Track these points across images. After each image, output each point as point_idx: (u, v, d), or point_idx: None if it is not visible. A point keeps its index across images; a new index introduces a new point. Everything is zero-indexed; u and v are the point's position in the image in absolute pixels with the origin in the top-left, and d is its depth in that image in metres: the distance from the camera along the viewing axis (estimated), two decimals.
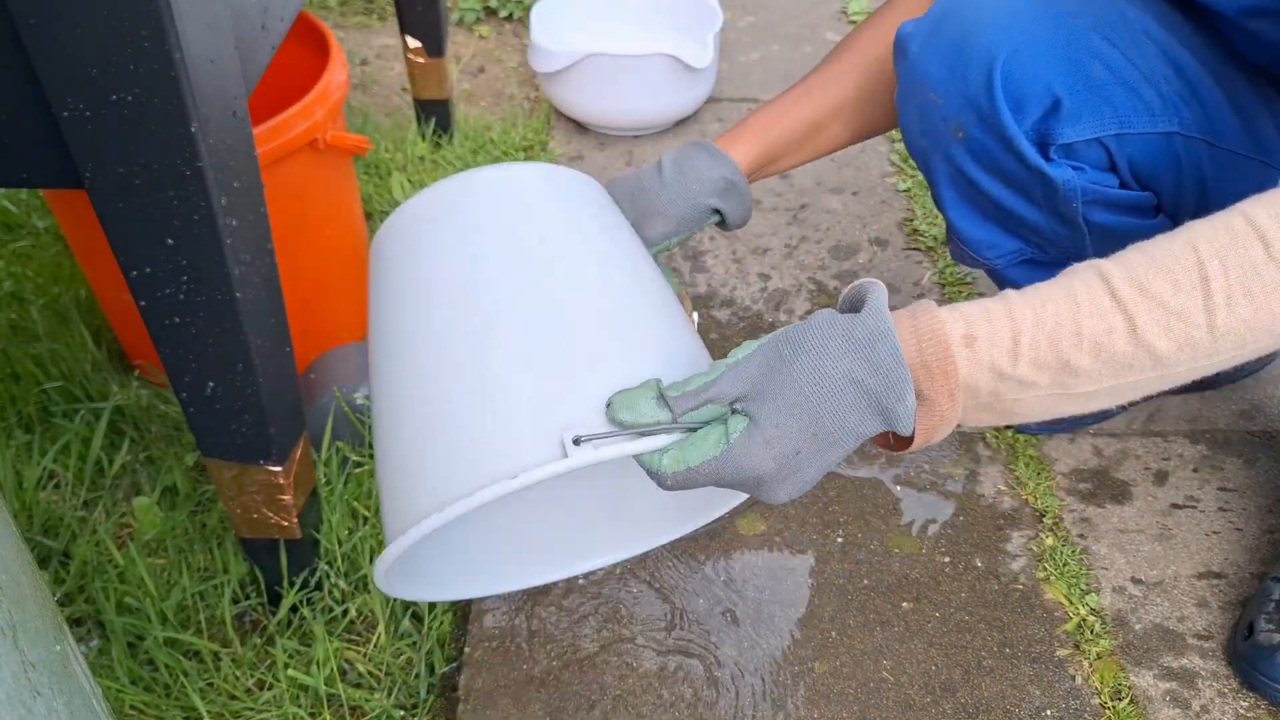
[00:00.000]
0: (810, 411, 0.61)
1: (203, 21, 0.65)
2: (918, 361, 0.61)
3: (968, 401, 0.63)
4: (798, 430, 0.61)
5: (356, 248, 1.26)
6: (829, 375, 0.61)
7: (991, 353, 0.61)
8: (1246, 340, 0.60)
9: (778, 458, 0.61)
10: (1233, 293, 0.59)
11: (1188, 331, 0.60)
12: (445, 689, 0.93)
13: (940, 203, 0.96)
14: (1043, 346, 0.61)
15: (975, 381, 0.62)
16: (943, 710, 0.91)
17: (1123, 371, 0.61)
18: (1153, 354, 0.60)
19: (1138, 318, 0.60)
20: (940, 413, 0.62)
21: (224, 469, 0.85)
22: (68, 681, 0.60)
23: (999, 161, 0.88)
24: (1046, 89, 0.83)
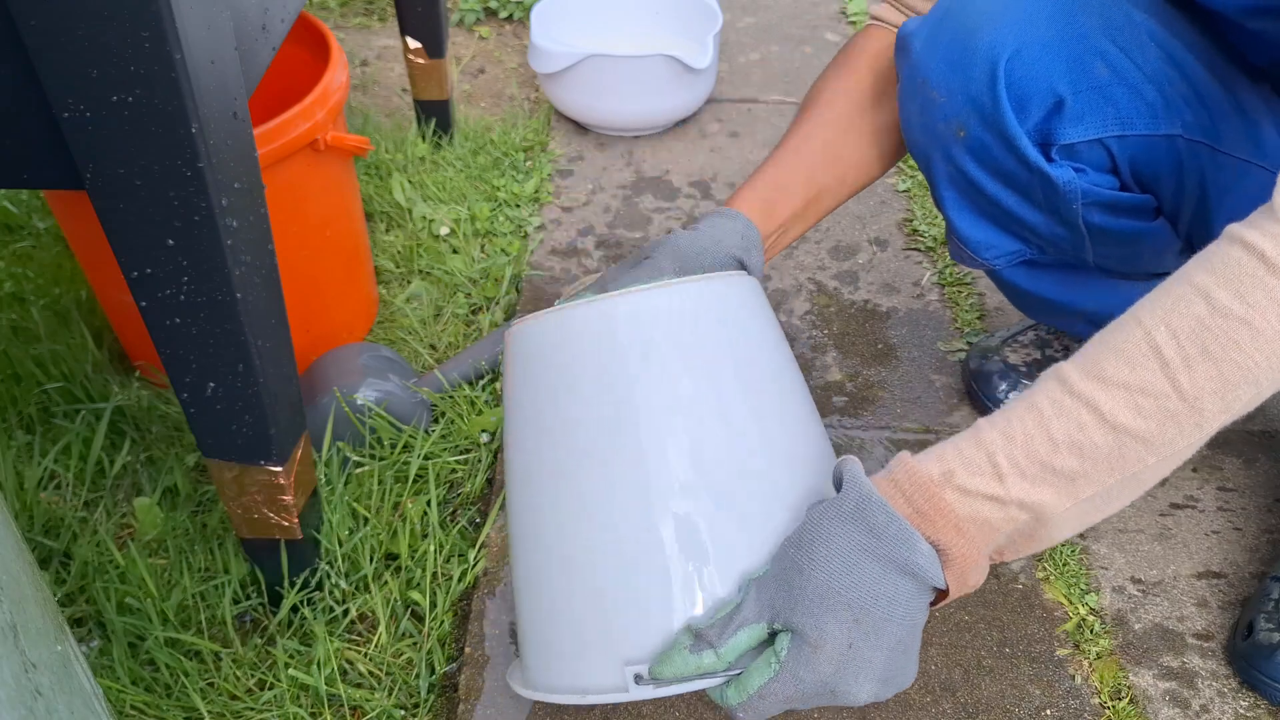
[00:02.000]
0: (839, 600, 0.61)
1: (203, 22, 0.65)
2: (910, 511, 0.62)
3: (986, 537, 0.63)
4: (836, 623, 0.61)
5: (357, 248, 1.26)
6: (838, 556, 0.61)
7: (974, 481, 0.62)
8: (1227, 398, 0.59)
9: (833, 658, 0.61)
10: (1188, 353, 0.59)
11: (1159, 404, 0.59)
12: (446, 689, 0.94)
13: (940, 202, 0.96)
14: (1021, 460, 0.61)
15: (980, 514, 0.62)
16: (942, 710, 0.91)
17: (1118, 463, 0.61)
18: (1134, 436, 0.60)
19: (1102, 405, 0.60)
20: (960, 555, 0.62)
21: (225, 469, 0.85)
22: (69, 682, 0.60)
23: (1000, 162, 0.87)
24: (1050, 88, 0.83)
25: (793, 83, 1.85)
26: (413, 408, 1.12)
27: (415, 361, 1.27)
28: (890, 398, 1.22)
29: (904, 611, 0.62)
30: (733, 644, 0.62)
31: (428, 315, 1.33)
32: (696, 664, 0.63)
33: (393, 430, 1.10)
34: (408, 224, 1.47)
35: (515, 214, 1.51)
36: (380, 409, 1.09)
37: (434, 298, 1.35)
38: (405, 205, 1.48)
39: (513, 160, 1.63)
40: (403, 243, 1.43)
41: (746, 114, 1.76)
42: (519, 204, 1.54)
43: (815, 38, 1.99)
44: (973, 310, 1.34)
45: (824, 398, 1.22)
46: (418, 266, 1.40)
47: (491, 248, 1.44)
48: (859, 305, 1.35)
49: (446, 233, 1.45)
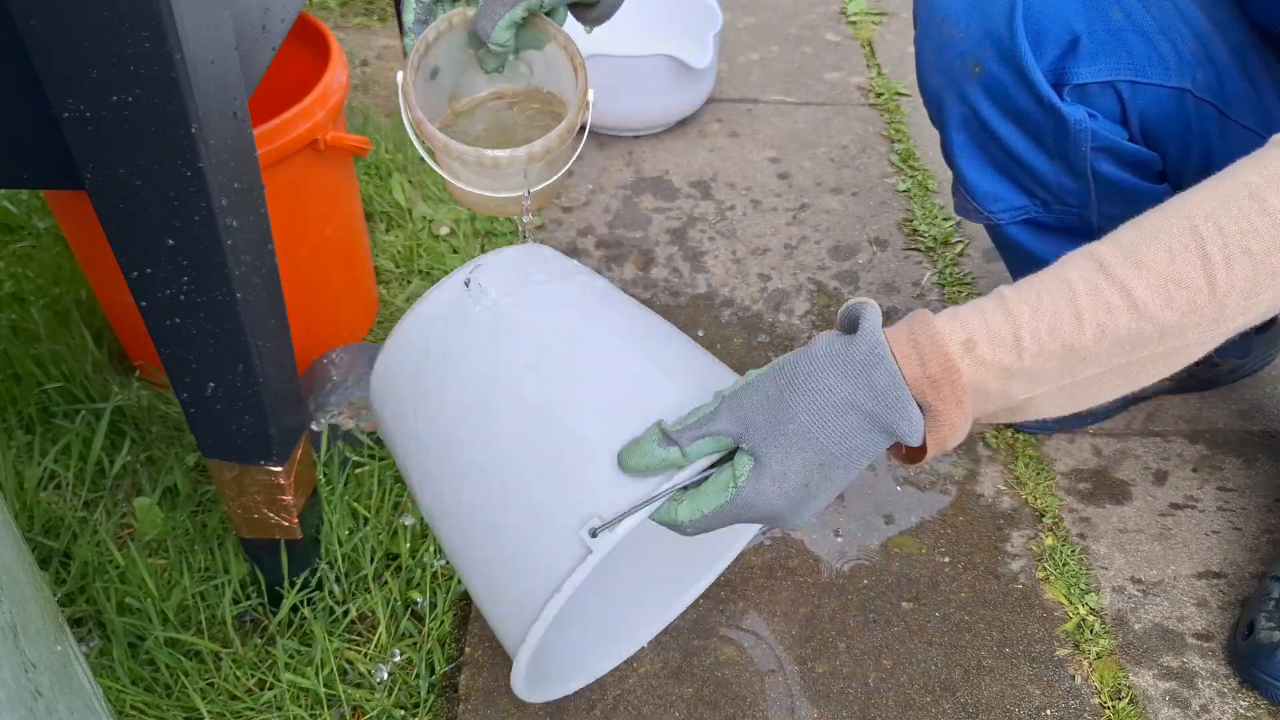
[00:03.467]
0: (814, 444, 0.61)
1: (203, 22, 0.65)
2: (921, 375, 0.61)
3: (978, 405, 0.63)
4: (804, 465, 0.61)
5: (357, 248, 1.26)
6: (829, 405, 0.61)
7: (995, 353, 0.61)
8: (1251, 300, 0.59)
9: (788, 493, 0.62)
10: (1231, 253, 0.59)
11: (1190, 297, 0.59)
12: (445, 689, 0.94)
13: (949, 149, 0.97)
14: (1044, 337, 0.61)
15: (983, 385, 0.62)
16: (942, 710, 0.91)
17: (1131, 348, 0.61)
18: (1158, 325, 0.60)
19: (1135, 291, 0.59)
20: (950, 423, 0.62)
21: (225, 469, 0.85)
22: (69, 682, 0.60)
23: (1014, 99, 0.89)
24: (1066, 26, 0.85)
25: (793, 83, 1.85)
26: None
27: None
28: None
29: (865, 462, 0.63)
30: (698, 447, 0.63)
31: None
32: (662, 457, 0.62)
33: None
34: (408, 224, 1.47)
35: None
36: None
37: None
38: (405, 205, 1.48)
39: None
40: (403, 243, 1.43)
41: (746, 114, 1.76)
42: None
43: (815, 38, 1.99)
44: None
45: None
46: (418, 266, 1.40)
47: (491, 248, 1.44)
48: None
49: (446, 233, 1.45)
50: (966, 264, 1.42)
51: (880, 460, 1.14)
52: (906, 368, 0.61)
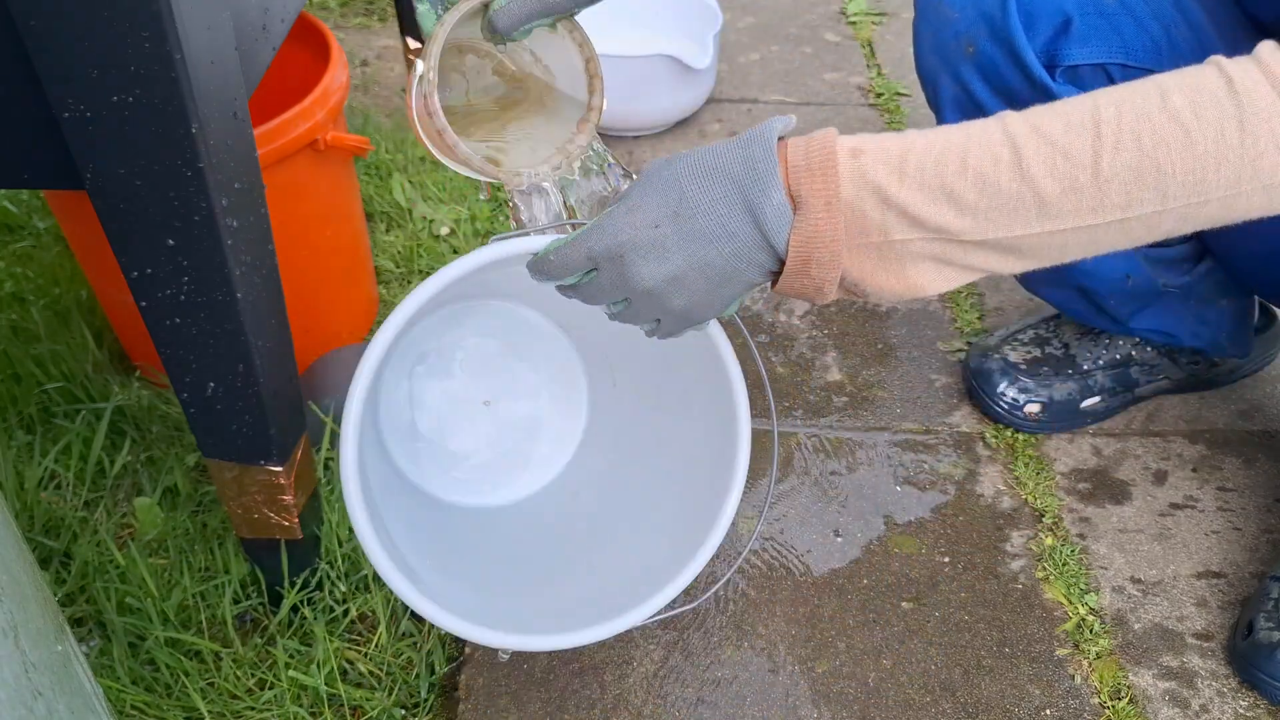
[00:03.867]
0: (675, 190, 0.64)
1: (203, 22, 0.65)
2: (802, 164, 0.62)
3: (855, 234, 0.63)
4: (659, 203, 0.64)
5: (357, 248, 1.26)
6: (702, 166, 0.64)
7: (876, 169, 0.61)
8: (1131, 194, 0.59)
9: (636, 225, 0.65)
10: (1122, 137, 0.59)
11: (1072, 172, 0.59)
12: (446, 689, 0.94)
13: None
14: (929, 169, 0.61)
15: (860, 204, 0.62)
16: (942, 710, 0.91)
17: (1007, 214, 0.61)
18: (1036, 193, 0.60)
19: (1024, 149, 0.60)
20: (815, 222, 0.62)
21: (225, 469, 0.85)
22: (69, 682, 0.60)
23: (1006, 78, 0.90)
24: (1058, 8, 0.87)
25: (793, 83, 1.85)
26: None
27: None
28: (890, 398, 1.22)
29: (732, 250, 0.64)
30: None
31: None
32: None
33: None
34: (408, 224, 1.47)
35: None
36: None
37: None
38: (405, 205, 1.48)
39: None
40: (403, 243, 1.43)
41: (746, 114, 1.76)
42: None
43: (815, 38, 1.99)
44: (972, 310, 1.34)
45: (824, 397, 1.22)
46: (418, 267, 1.40)
47: None
48: (859, 305, 1.35)
49: (447, 233, 1.45)
50: None
51: (881, 459, 1.14)
52: (792, 155, 0.62)
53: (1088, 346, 1.16)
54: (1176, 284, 1.05)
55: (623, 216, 0.66)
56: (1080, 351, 1.16)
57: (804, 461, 1.14)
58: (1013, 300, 1.35)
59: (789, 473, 1.13)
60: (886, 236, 0.63)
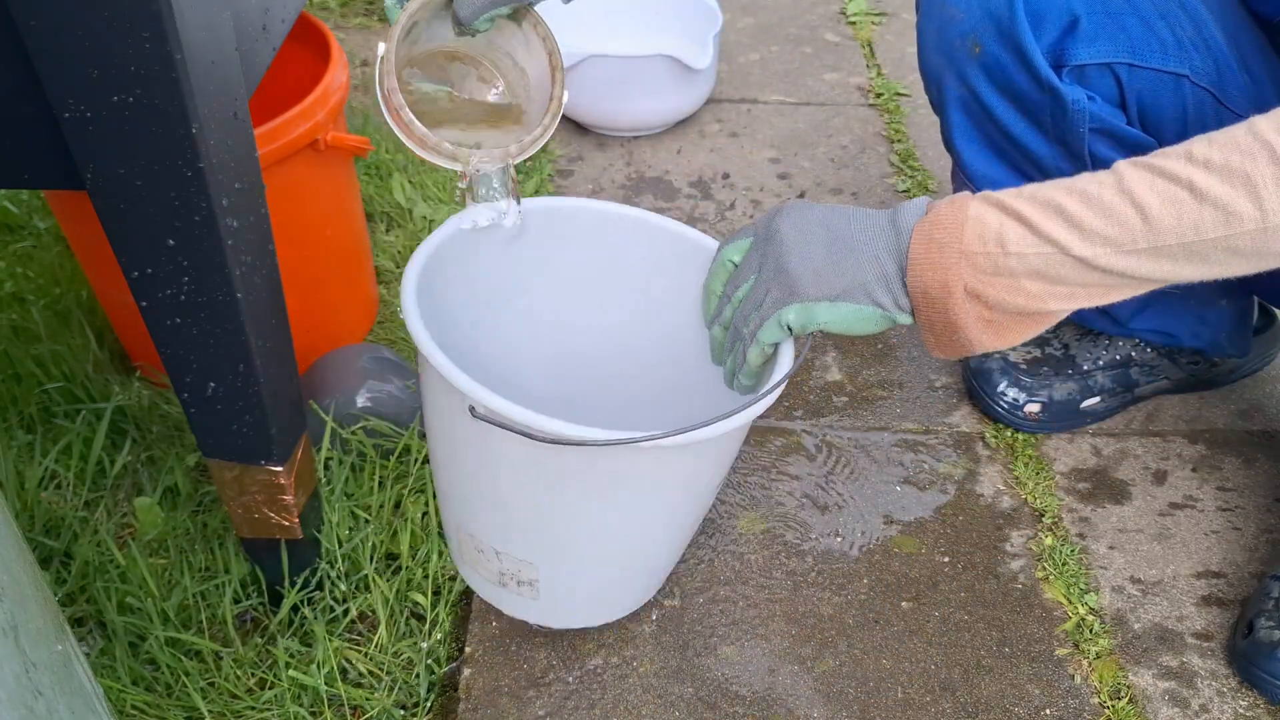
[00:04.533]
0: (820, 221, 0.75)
1: (203, 22, 0.65)
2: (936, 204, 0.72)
3: (973, 240, 0.69)
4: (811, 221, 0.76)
5: (357, 248, 1.26)
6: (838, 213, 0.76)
7: (996, 192, 0.70)
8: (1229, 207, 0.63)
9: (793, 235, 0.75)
10: (1212, 158, 0.64)
11: (1170, 188, 0.64)
12: (446, 688, 0.94)
13: (948, 131, 0.98)
14: (1041, 191, 0.69)
15: (983, 216, 0.69)
16: (942, 709, 0.91)
17: (1114, 223, 0.66)
18: (1136, 205, 0.65)
19: (1124, 173, 0.67)
20: (938, 212, 0.71)
21: (225, 469, 0.85)
22: (69, 681, 0.60)
23: (1013, 79, 0.90)
24: (1066, 7, 0.87)
25: (793, 83, 1.85)
26: (413, 409, 1.12)
27: (415, 362, 1.27)
28: (890, 398, 1.22)
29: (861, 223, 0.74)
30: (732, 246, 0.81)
31: None
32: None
33: (393, 431, 1.10)
34: (408, 224, 1.47)
35: None
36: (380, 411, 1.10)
37: None
38: (406, 205, 1.48)
39: None
40: (403, 243, 1.43)
41: (746, 114, 1.76)
42: None
43: (815, 38, 1.99)
44: None
45: (824, 398, 1.22)
46: None
47: None
48: None
49: None
50: None
51: (880, 459, 1.14)
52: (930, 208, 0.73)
53: (1087, 347, 1.16)
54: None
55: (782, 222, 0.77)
56: (1080, 352, 1.16)
57: (804, 461, 1.14)
58: None
59: (789, 472, 1.13)
60: (1004, 247, 0.68)
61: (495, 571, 0.90)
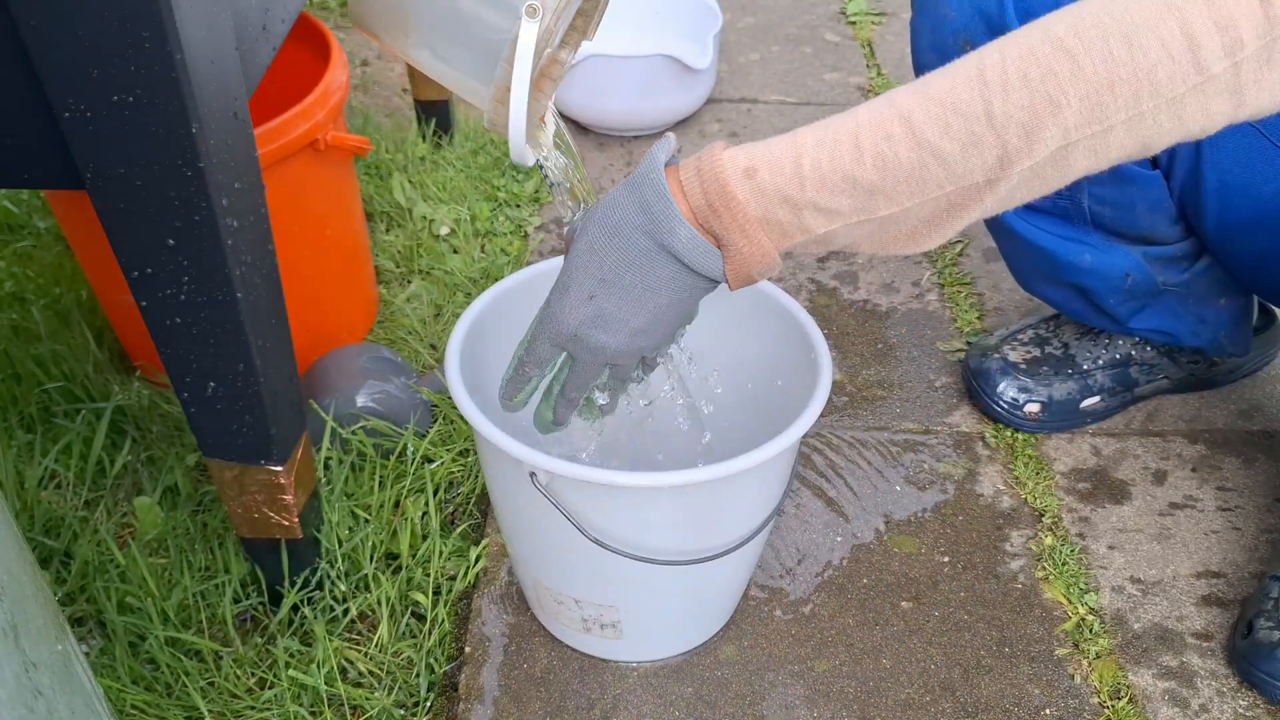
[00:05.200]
0: (593, 257, 0.66)
1: (203, 22, 0.65)
2: (703, 204, 0.63)
3: (776, 237, 0.64)
4: (584, 276, 0.67)
5: (357, 248, 1.26)
6: (607, 224, 0.65)
7: (775, 180, 0.62)
8: (1032, 134, 0.57)
9: (574, 303, 0.67)
10: (1009, 77, 0.57)
11: (966, 126, 0.58)
12: (445, 688, 0.94)
13: None
14: (824, 165, 0.61)
15: (772, 215, 0.63)
16: (942, 709, 0.91)
17: (916, 184, 0.60)
18: (937, 155, 0.59)
19: (914, 117, 0.59)
20: (740, 251, 0.64)
21: (225, 469, 0.85)
22: (69, 681, 0.60)
23: None
24: (1056, 5, 0.86)
25: (793, 83, 1.85)
26: (412, 408, 1.12)
27: (415, 361, 1.27)
28: (890, 398, 1.22)
29: (669, 291, 0.67)
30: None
31: (428, 315, 1.33)
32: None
33: (392, 431, 1.10)
34: (408, 224, 1.47)
35: (515, 214, 1.51)
36: (380, 410, 1.10)
37: (434, 298, 1.35)
38: (405, 205, 1.48)
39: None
40: (403, 243, 1.43)
41: (746, 114, 1.76)
42: (519, 204, 1.54)
43: (815, 38, 1.99)
44: (972, 310, 1.34)
45: None
46: (418, 266, 1.40)
47: (492, 248, 1.44)
48: (859, 305, 1.35)
49: (447, 233, 1.46)
50: (966, 264, 1.42)
51: (880, 459, 1.14)
52: (691, 196, 0.64)
53: (1087, 346, 1.16)
54: (1176, 282, 1.05)
55: (559, 300, 0.69)
56: (1080, 351, 1.16)
57: (804, 461, 1.14)
58: (1012, 300, 1.35)
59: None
60: (810, 233, 0.63)
61: (578, 619, 0.90)
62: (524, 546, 0.89)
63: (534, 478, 0.76)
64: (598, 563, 0.82)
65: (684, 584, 0.87)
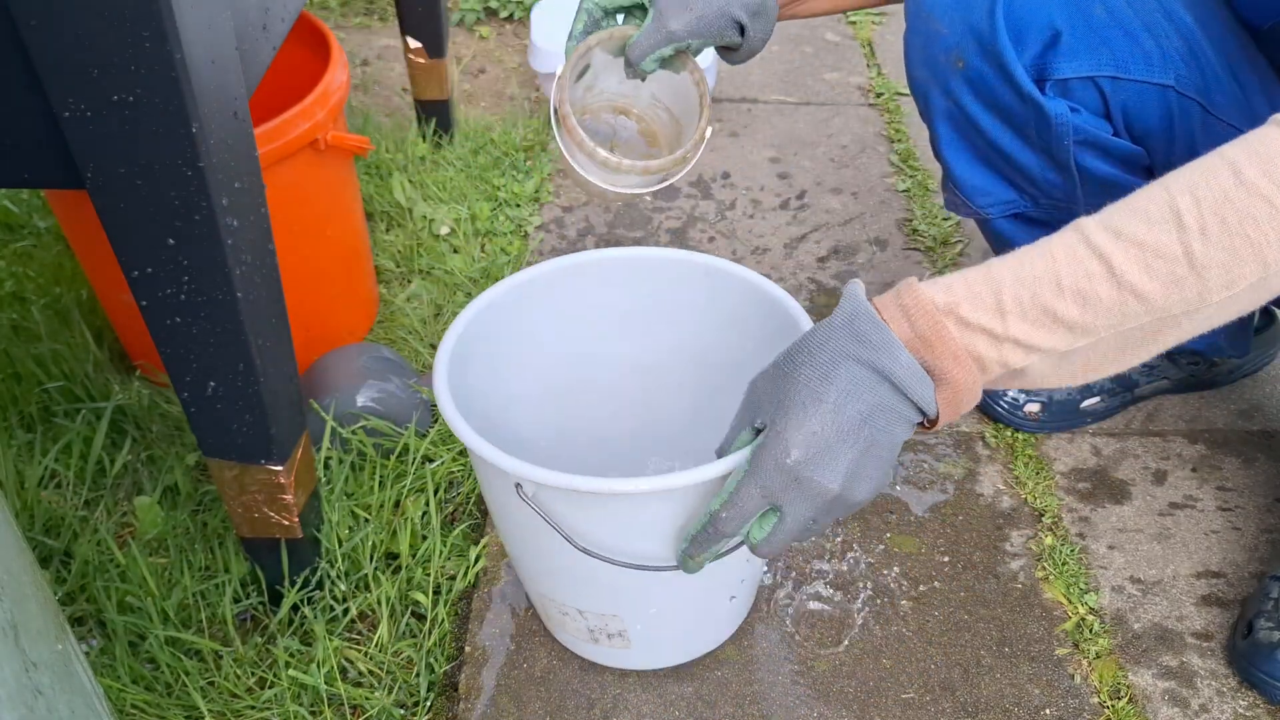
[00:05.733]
0: (814, 395, 0.63)
1: (203, 22, 0.65)
2: (911, 335, 0.63)
3: (987, 372, 0.65)
4: (805, 414, 0.63)
5: (357, 248, 1.26)
6: (823, 362, 0.63)
7: (977, 315, 0.62)
8: (1233, 271, 0.60)
9: (797, 443, 0.63)
10: (1206, 223, 0.60)
11: (1168, 267, 0.60)
12: (446, 688, 0.94)
13: (937, 143, 0.98)
14: (1026, 301, 0.62)
15: (975, 349, 0.63)
16: (942, 709, 0.91)
17: (1116, 318, 0.62)
18: (1138, 295, 0.61)
19: (1114, 259, 0.61)
20: (953, 380, 0.63)
21: (225, 469, 0.85)
22: (69, 681, 0.60)
23: (996, 93, 0.90)
24: (1048, 22, 0.86)
25: (792, 82, 1.85)
26: (412, 408, 1.12)
27: (415, 361, 1.27)
28: None
29: (882, 418, 0.63)
30: (729, 443, 0.69)
31: (428, 315, 1.33)
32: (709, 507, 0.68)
33: (392, 431, 1.10)
34: (408, 224, 1.47)
35: (516, 213, 1.51)
36: (380, 410, 1.09)
37: (434, 297, 1.35)
38: (405, 205, 1.48)
39: (513, 160, 1.63)
40: (403, 242, 1.43)
41: (746, 114, 1.76)
42: (519, 203, 1.54)
43: (815, 38, 1.99)
44: None
45: None
46: (418, 266, 1.40)
47: (492, 247, 1.45)
48: None
49: (447, 232, 1.46)
50: (966, 264, 1.41)
51: None
52: (896, 329, 0.63)
53: None
54: None
55: (773, 444, 0.63)
56: None
57: None
58: None
59: None
60: (1008, 366, 0.64)
61: (584, 630, 0.89)
62: (524, 560, 0.88)
63: (520, 489, 0.75)
64: (593, 572, 0.81)
65: (685, 590, 0.86)
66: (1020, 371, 0.65)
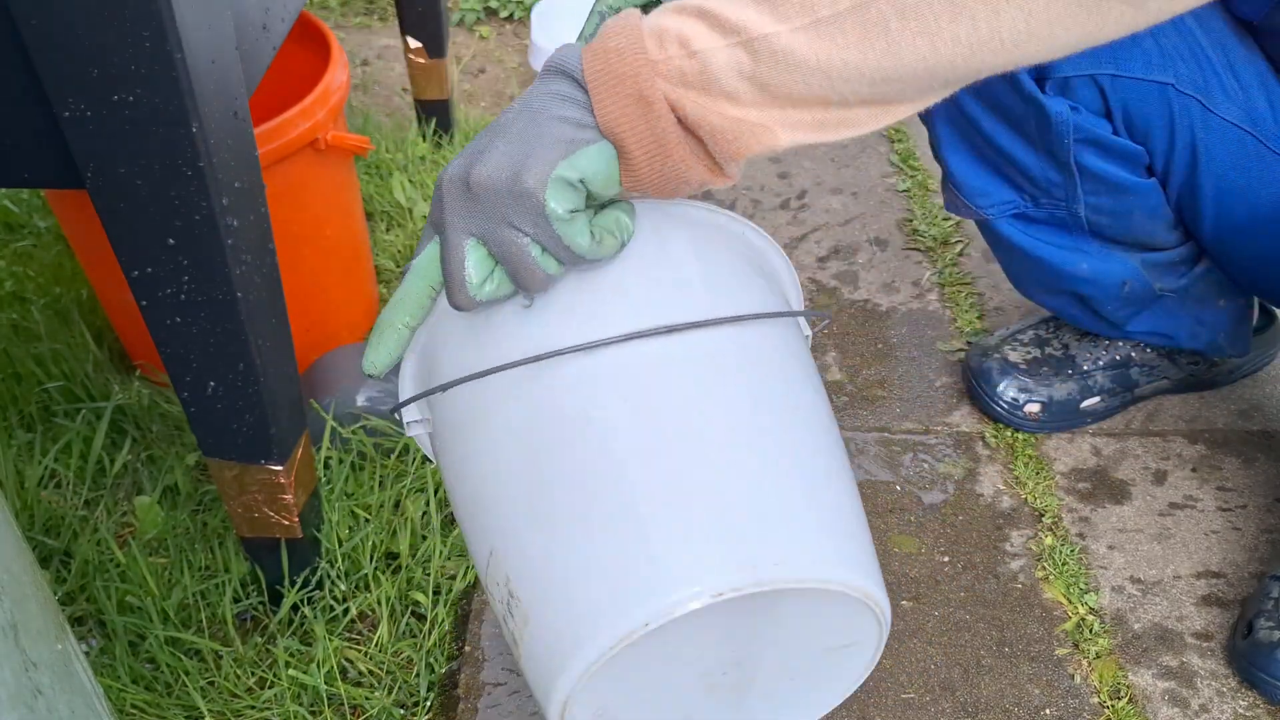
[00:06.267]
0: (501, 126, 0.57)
1: (203, 21, 0.65)
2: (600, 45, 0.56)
3: (655, 48, 0.55)
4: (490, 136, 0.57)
5: (357, 248, 1.26)
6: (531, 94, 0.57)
7: (662, 14, 0.55)
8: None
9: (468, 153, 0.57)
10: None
11: None
12: (446, 688, 0.94)
13: (937, 143, 0.98)
14: None
15: (656, 21, 0.55)
16: (942, 709, 0.91)
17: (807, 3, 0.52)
18: None
19: None
20: (605, 36, 0.55)
21: (225, 468, 0.85)
22: (69, 681, 0.60)
23: (995, 92, 0.90)
24: None
25: None
26: None
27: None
28: (890, 397, 1.22)
29: (536, 100, 0.57)
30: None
31: None
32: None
33: (393, 430, 1.10)
34: (408, 224, 1.47)
35: None
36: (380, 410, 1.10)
37: None
38: (406, 205, 1.48)
39: None
40: (403, 242, 1.43)
41: None
42: None
43: None
44: (972, 310, 1.34)
45: None
46: None
47: None
48: (859, 305, 1.35)
49: None
50: (966, 264, 1.42)
51: (880, 459, 1.14)
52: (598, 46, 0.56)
53: (1087, 347, 1.16)
54: (1173, 287, 1.05)
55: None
56: (1080, 352, 1.16)
57: None
58: (1013, 300, 1.35)
59: None
60: (688, 47, 0.54)
61: None
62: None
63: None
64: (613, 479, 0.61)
65: None
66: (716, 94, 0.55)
